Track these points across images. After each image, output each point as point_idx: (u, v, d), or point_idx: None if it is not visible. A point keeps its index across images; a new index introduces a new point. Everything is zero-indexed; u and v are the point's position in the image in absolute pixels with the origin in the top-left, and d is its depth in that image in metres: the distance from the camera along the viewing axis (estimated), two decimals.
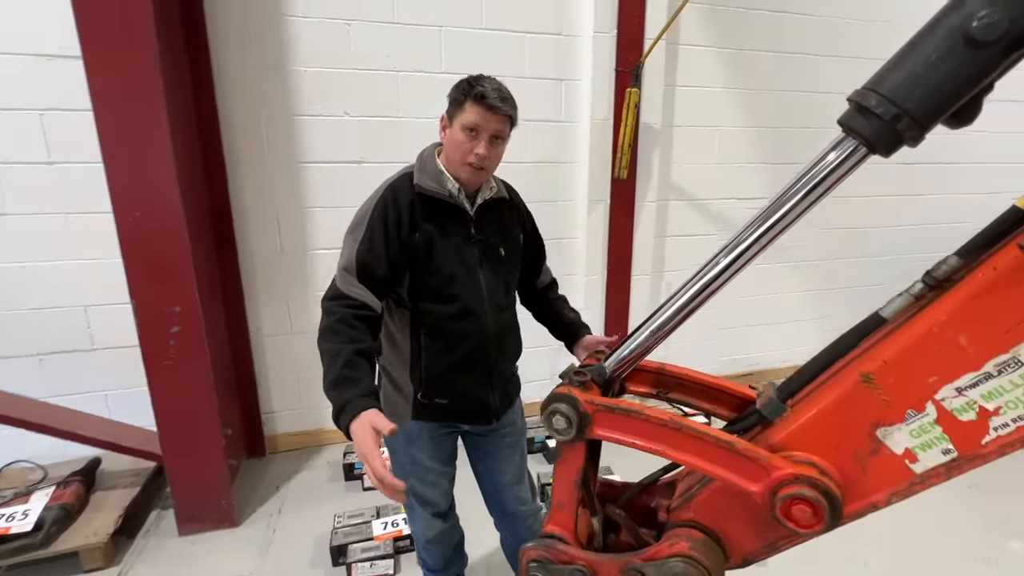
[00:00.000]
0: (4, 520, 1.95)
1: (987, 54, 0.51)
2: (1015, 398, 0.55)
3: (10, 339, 2.39)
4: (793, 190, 0.66)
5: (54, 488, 2.14)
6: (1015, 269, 0.52)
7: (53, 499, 2.07)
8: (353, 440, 1.06)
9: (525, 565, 0.90)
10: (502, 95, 1.25)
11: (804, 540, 0.71)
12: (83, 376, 2.52)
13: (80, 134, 2.26)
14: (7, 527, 1.92)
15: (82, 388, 2.52)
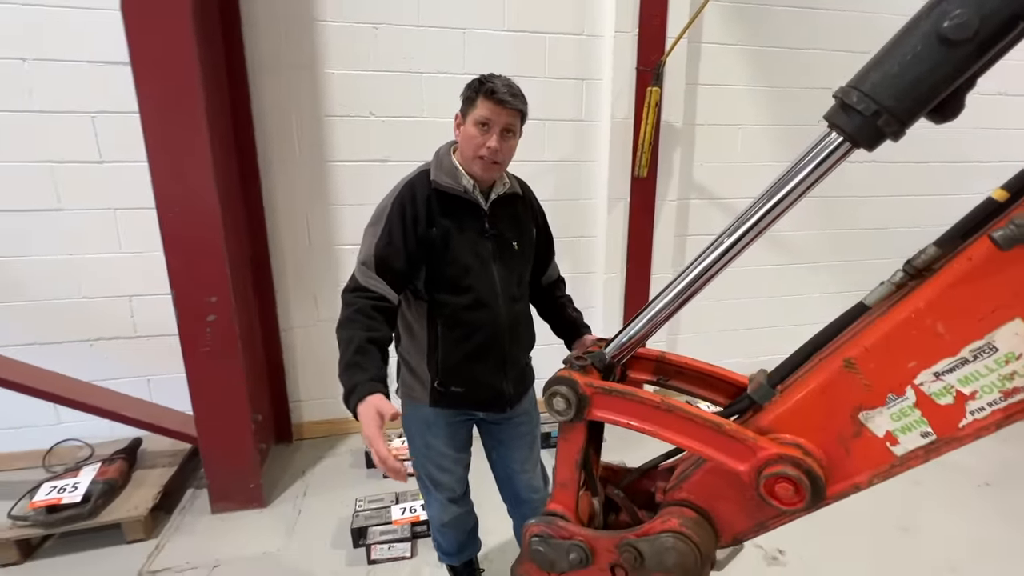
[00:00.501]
0: (56, 492, 2.11)
1: (961, 52, 0.54)
2: (990, 383, 0.58)
3: (64, 325, 2.57)
4: (781, 183, 0.69)
5: (100, 464, 2.30)
6: (988, 260, 0.55)
7: (99, 474, 2.23)
8: (359, 421, 1.11)
9: (528, 540, 0.95)
10: (512, 91, 1.30)
11: (791, 519, 0.74)
12: (128, 361, 2.69)
13: (127, 135, 2.42)
14: (59, 498, 2.08)
15: (127, 372, 2.69)
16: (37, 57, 2.31)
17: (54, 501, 2.07)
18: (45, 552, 2.11)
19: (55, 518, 2.05)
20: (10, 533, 2.01)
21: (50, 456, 2.60)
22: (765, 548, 2.13)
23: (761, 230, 0.70)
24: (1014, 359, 0.56)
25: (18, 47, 2.28)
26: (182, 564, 2.05)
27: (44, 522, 2.04)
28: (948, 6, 0.53)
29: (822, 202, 3.24)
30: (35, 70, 2.32)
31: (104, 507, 2.15)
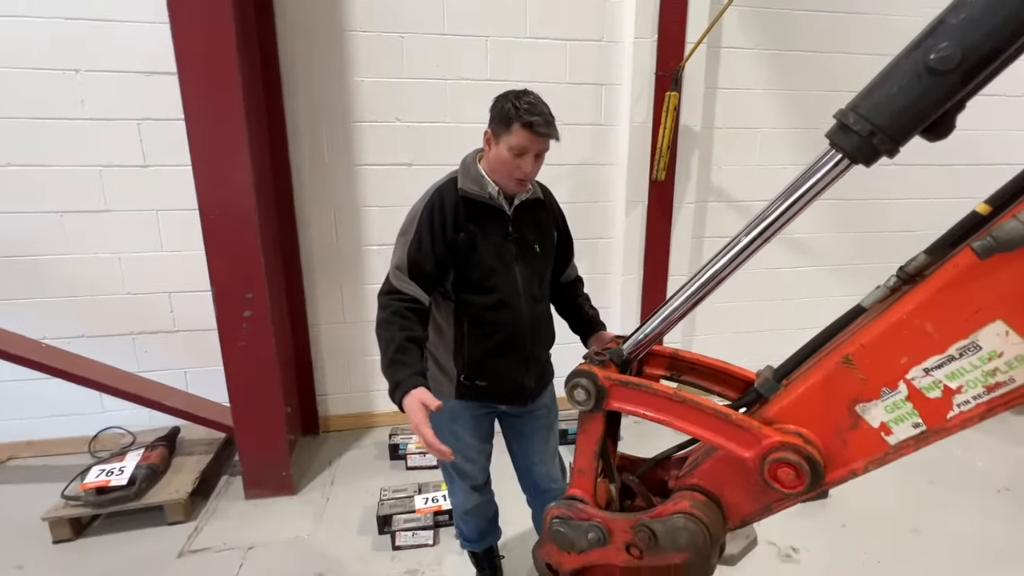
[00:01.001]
0: (104, 475, 2.26)
1: (947, 81, 0.60)
2: (974, 378, 0.63)
3: (110, 320, 2.74)
4: (788, 193, 0.75)
5: (143, 450, 2.45)
6: (970, 267, 0.61)
7: (143, 460, 2.38)
8: (406, 413, 1.23)
9: (549, 522, 1.03)
10: (546, 119, 1.35)
11: (793, 502, 0.80)
12: (167, 354, 2.84)
13: (169, 141, 2.58)
14: (107, 480, 2.23)
15: (166, 365, 2.85)
16: (89, 68, 2.46)
17: (103, 483, 2.22)
18: (94, 531, 2.26)
19: (104, 499, 2.20)
20: (64, 512, 2.16)
21: (95, 443, 2.77)
22: (779, 546, 2.17)
23: (768, 237, 0.77)
24: (996, 357, 0.62)
25: (71, 59, 2.44)
26: (220, 545, 2.18)
27: (94, 502, 2.19)
28: (935, 40, 0.59)
29: (841, 204, 3.25)
30: (87, 81, 2.48)
31: (147, 490, 2.30)
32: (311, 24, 2.62)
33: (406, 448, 2.76)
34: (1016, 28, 0.56)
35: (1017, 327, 0.60)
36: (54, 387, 2.68)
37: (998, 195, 0.63)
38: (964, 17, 0.58)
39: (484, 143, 1.46)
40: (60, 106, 2.47)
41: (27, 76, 2.42)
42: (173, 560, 2.10)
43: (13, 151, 2.48)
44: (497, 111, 1.39)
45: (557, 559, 1.06)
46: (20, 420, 2.81)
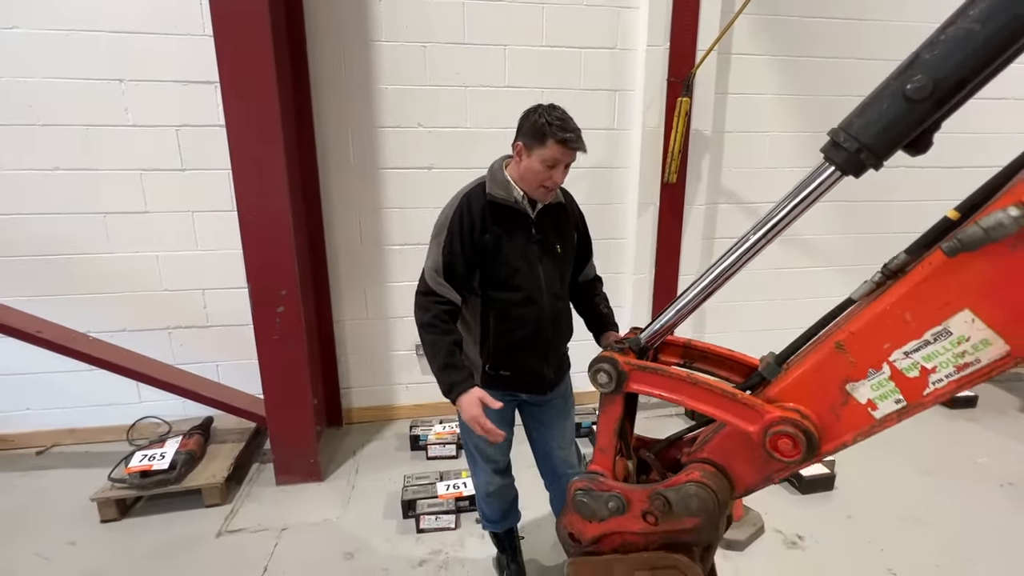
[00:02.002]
0: (147, 459, 2.41)
1: (922, 107, 0.71)
2: (946, 359, 0.74)
3: (148, 315, 2.89)
4: (787, 200, 0.86)
5: (181, 438, 2.60)
6: (941, 265, 0.71)
7: (181, 446, 2.53)
8: (461, 408, 1.49)
9: (572, 493, 1.15)
10: (577, 134, 1.46)
11: (791, 470, 0.91)
12: (200, 348, 3.00)
13: (205, 146, 2.73)
14: (150, 464, 2.38)
15: (199, 358, 3.00)
16: (132, 79, 2.62)
17: (146, 467, 2.37)
18: (137, 512, 2.41)
19: (148, 481, 2.35)
20: (112, 493, 2.31)
21: (133, 431, 2.92)
22: (785, 533, 2.26)
23: (771, 238, 0.88)
24: (964, 341, 0.72)
25: (117, 70, 2.60)
26: (254, 526, 2.32)
27: (139, 485, 2.35)
28: (911, 72, 0.70)
29: (845, 206, 3.33)
30: (130, 90, 2.63)
31: (187, 475, 2.45)
32: (338, 34, 2.75)
33: (426, 439, 2.88)
34: (978, 63, 0.67)
35: (981, 315, 0.71)
36: (94, 378, 2.85)
37: (965, 204, 0.73)
38: (936, 53, 0.69)
39: (515, 154, 1.56)
40: (106, 114, 2.62)
41: (75, 86, 2.58)
42: (212, 539, 2.24)
43: (62, 156, 2.65)
44: (529, 126, 1.49)
45: (579, 528, 1.18)
46: (63, 409, 2.98)
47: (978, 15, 0.65)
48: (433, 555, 2.14)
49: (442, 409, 3.27)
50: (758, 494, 2.43)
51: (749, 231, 0.91)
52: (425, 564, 2.09)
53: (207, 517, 2.37)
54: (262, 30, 2.10)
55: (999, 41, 0.65)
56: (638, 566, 1.08)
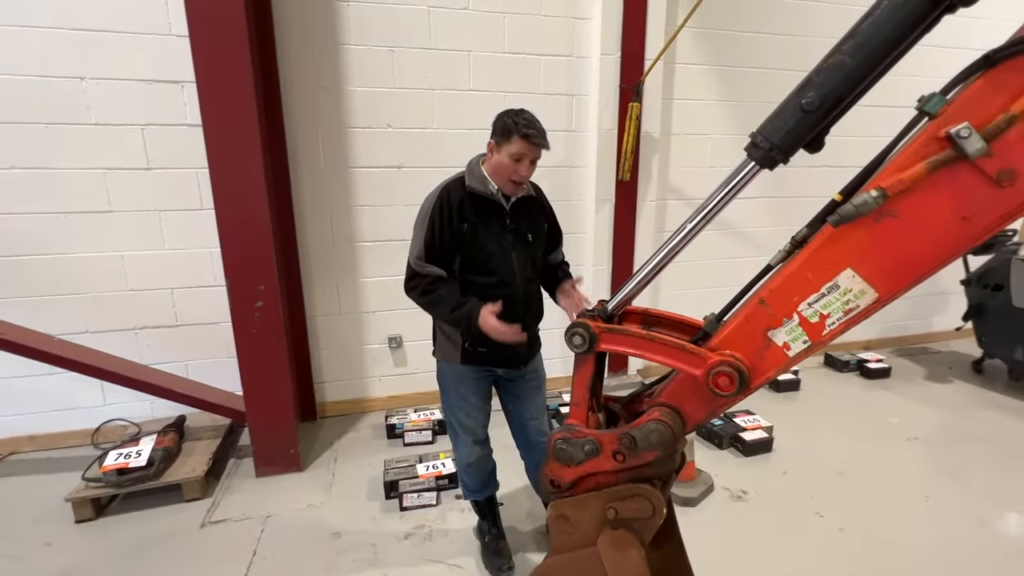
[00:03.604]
0: (123, 458, 2.41)
1: (814, 117, 0.94)
2: (837, 307, 0.98)
3: (113, 315, 2.86)
4: (719, 190, 1.08)
5: (156, 436, 2.61)
6: (830, 235, 0.95)
7: (157, 443, 2.54)
8: (483, 327, 1.65)
9: (553, 444, 1.34)
10: (540, 131, 1.67)
11: (730, 404, 1.13)
12: (169, 348, 2.99)
13: (173, 145, 2.74)
14: (126, 462, 2.38)
15: (168, 358, 2.99)
16: (94, 76, 2.60)
17: (123, 465, 2.37)
18: (113, 511, 2.41)
19: (125, 479, 2.36)
20: (87, 492, 2.31)
21: (98, 435, 2.89)
22: (731, 490, 2.55)
23: (708, 219, 1.10)
24: (848, 292, 0.96)
25: (77, 68, 2.57)
26: (238, 515, 2.37)
27: (116, 482, 2.35)
28: (805, 91, 0.94)
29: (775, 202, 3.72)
30: (92, 88, 2.61)
31: (165, 470, 2.46)
32: (307, 37, 2.84)
33: (403, 427, 3.00)
34: (850, 86, 0.91)
35: (859, 271, 0.95)
36: (55, 382, 2.81)
37: (846, 188, 0.97)
38: (821, 77, 0.92)
39: (488, 151, 1.76)
40: (66, 112, 2.59)
41: (34, 83, 2.53)
42: (196, 530, 2.28)
43: (19, 154, 2.59)
44: (499, 125, 1.70)
45: (559, 474, 1.37)
46: (21, 416, 2.89)
47: (848, 50, 0.89)
48: (417, 529, 2.28)
49: (416, 399, 3.40)
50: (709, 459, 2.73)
51: (692, 214, 1.13)
52: (411, 537, 2.23)
53: (188, 511, 2.40)
54: (239, 30, 2.17)
55: (863, 70, 0.89)
56: (611, 498, 1.28)
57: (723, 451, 2.89)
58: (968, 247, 0.89)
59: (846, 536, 2.23)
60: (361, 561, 2.09)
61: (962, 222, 0.86)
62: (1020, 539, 2.25)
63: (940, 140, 0.83)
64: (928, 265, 0.90)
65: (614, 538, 1.29)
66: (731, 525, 2.31)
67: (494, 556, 2.04)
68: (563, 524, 1.37)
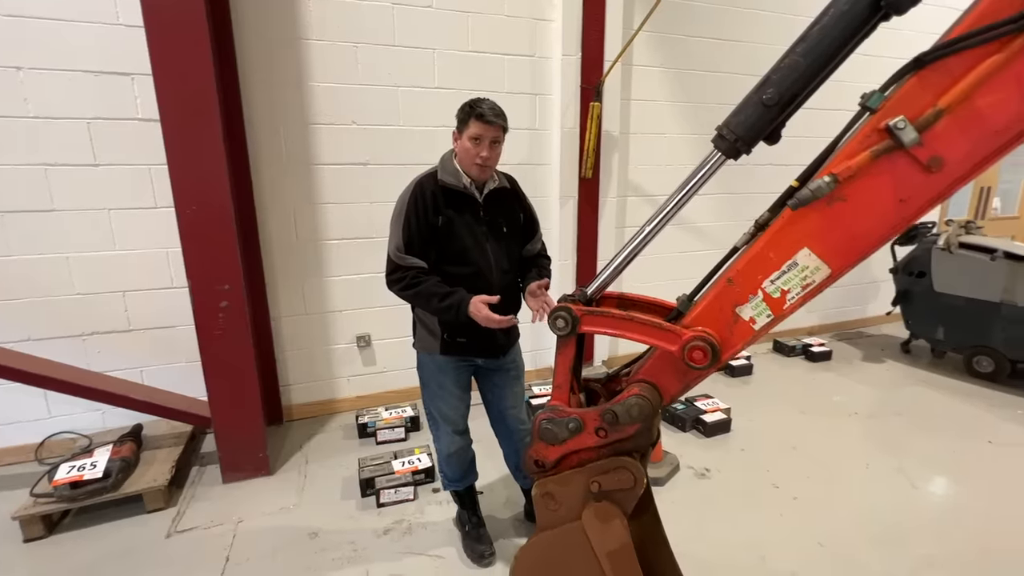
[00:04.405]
0: (76, 470, 2.27)
1: (772, 111, 1.04)
2: (796, 283, 1.09)
3: (57, 321, 2.69)
4: (689, 179, 1.17)
5: (111, 446, 2.47)
6: (789, 218, 1.05)
7: (114, 454, 2.41)
8: (473, 315, 1.69)
9: (538, 424, 1.39)
10: (495, 112, 1.73)
11: (703, 377, 1.23)
12: (121, 354, 2.84)
13: (123, 140, 2.62)
14: (80, 475, 2.25)
15: (120, 365, 2.84)
16: (32, 67, 2.44)
17: (76, 478, 2.24)
18: (66, 527, 2.27)
19: (79, 492, 2.23)
20: (37, 509, 2.16)
21: (42, 449, 2.71)
22: (696, 468, 2.70)
23: (679, 207, 1.19)
24: (805, 268, 1.07)
25: (12, 57, 2.41)
26: (207, 523, 2.29)
27: (69, 497, 2.21)
28: (765, 87, 1.04)
29: (732, 198, 3.95)
30: (30, 79, 2.45)
31: (124, 481, 2.34)
32: (267, 32, 2.77)
33: (375, 425, 2.98)
34: (803, 83, 1.01)
35: (815, 250, 1.06)
36: None
37: (802, 175, 1.08)
38: (779, 76, 1.02)
39: (453, 141, 1.80)
40: (1, 104, 2.42)
41: None
42: (162, 541, 2.19)
43: None
44: (459, 114, 1.77)
45: (544, 453, 1.42)
46: None
47: (801, 52, 1.00)
48: (396, 524, 2.28)
49: (387, 397, 3.38)
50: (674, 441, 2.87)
51: (665, 200, 1.21)
52: (390, 532, 2.23)
53: (151, 521, 2.30)
54: (198, 23, 2.11)
55: (815, 69, 1.00)
56: (594, 473, 1.35)
57: (686, 433, 3.04)
58: (905, 226, 1.01)
59: (799, 503, 2.41)
60: (341, 559, 2.07)
61: (900, 204, 0.98)
62: (946, 496, 2.50)
63: (880, 132, 0.95)
64: (872, 242, 1.02)
65: (598, 510, 1.37)
66: (697, 500, 2.44)
67: (475, 544, 2.07)
68: (549, 501, 1.44)
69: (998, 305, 3.52)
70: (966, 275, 3.67)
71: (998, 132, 0.90)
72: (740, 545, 2.14)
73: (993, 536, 2.19)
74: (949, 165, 0.94)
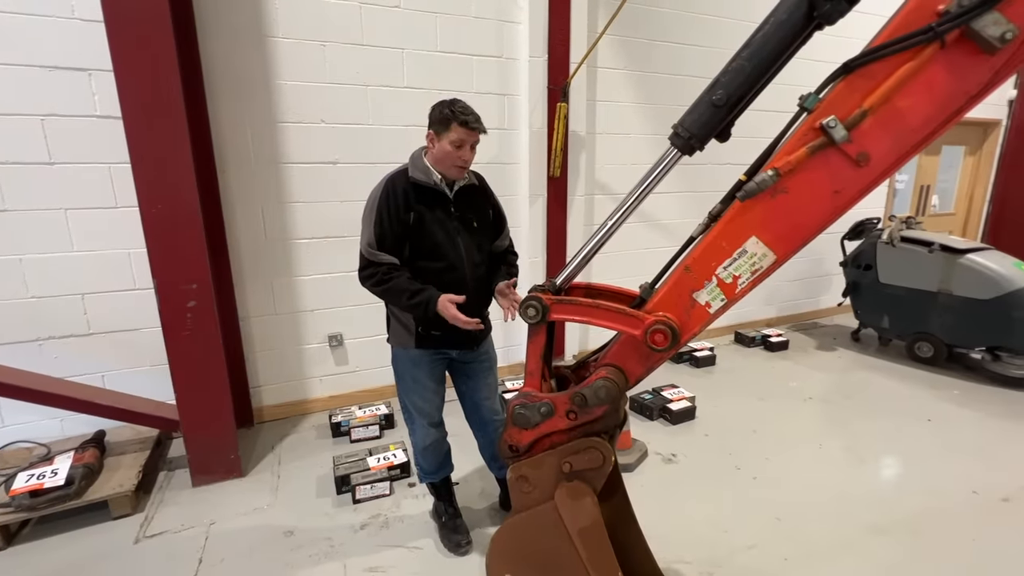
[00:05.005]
0: (36, 479, 2.20)
1: (722, 111, 1.14)
2: (746, 269, 1.19)
3: (11, 326, 2.58)
4: (648, 174, 1.26)
5: (72, 453, 2.40)
6: (738, 209, 1.15)
7: (76, 460, 2.34)
8: (441, 312, 1.75)
9: (512, 410, 1.45)
10: (476, 117, 1.78)
11: (664, 359, 1.32)
12: (81, 359, 2.74)
13: (80, 138, 2.54)
14: (40, 483, 2.18)
15: (80, 370, 2.75)
16: None
17: (36, 487, 2.16)
18: (26, 538, 2.19)
19: (39, 501, 2.15)
20: None
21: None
22: (663, 454, 2.82)
23: (640, 201, 1.27)
24: (754, 255, 1.17)
25: None
26: (178, 526, 2.25)
27: (28, 506, 2.14)
28: (715, 89, 1.13)
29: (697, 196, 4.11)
30: None
31: (87, 488, 2.28)
32: (231, 29, 2.74)
33: (349, 424, 2.98)
34: (749, 85, 1.11)
35: (761, 238, 1.16)
36: None
37: (750, 169, 1.18)
38: (727, 78, 1.12)
39: (428, 142, 1.84)
40: None
41: None
42: (130, 547, 2.14)
43: None
44: (436, 115, 1.79)
45: (517, 438, 1.49)
46: None
47: (746, 56, 1.09)
48: (373, 519, 2.30)
49: (360, 397, 3.38)
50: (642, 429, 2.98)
51: (627, 195, 1.30)
52: (367, 527, 2.25)
53: (118, 528, 2.25)
54: (161, 17, 2.08)
55: (758, 72, 1.10)
56: (565, 454, 1.42)
57: (654, 422, 3.17)
58: (839, 215, 1.12)
59: (760, 482, 2.56)
60: (318, 555, 2.08)
61: (834, 195, 1.09)
62: (889, 468, 2.70)
63: (815, 130, 1.06)
64: (812, 230, 1.13)
65: (570, 489, 1.44)
66: (665, 484, 2.56)
67: (452, 534, 2.12)
68: (523, 484, 1.50)
69: (935, 294, 3.80)
70: (907, 267, 3.94)
71: (914, 130, 1.02)
72: (704, 522, 2.26)
73: (930, 503, 2.38)
74: (875, 159, 1.05)
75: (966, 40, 0.93)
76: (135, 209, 2.24)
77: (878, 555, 2.06)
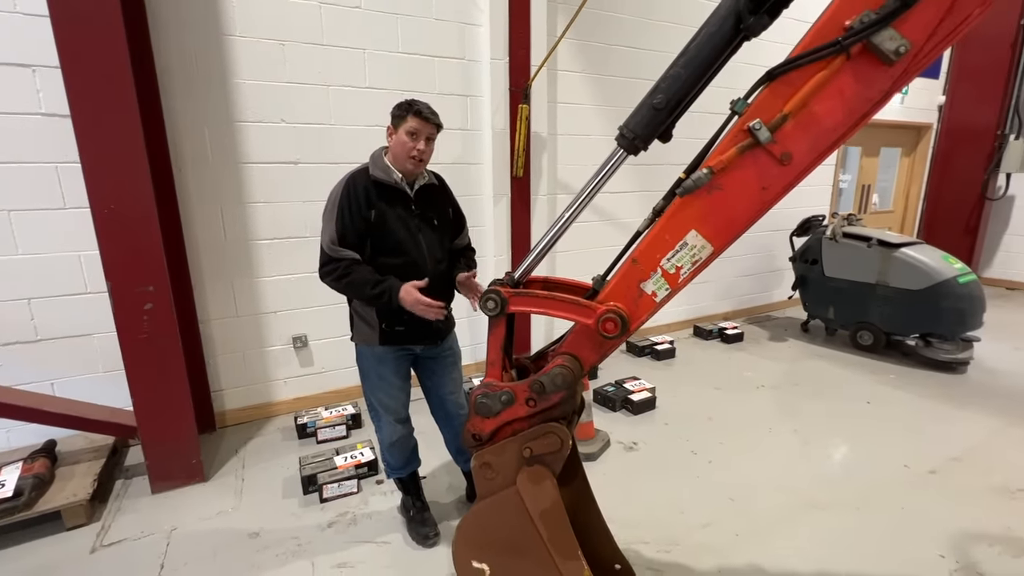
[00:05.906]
0: None
1: (662, 114, 1.23)
2: (687, 260, 1.28)
3: None
4: (597, 171, 1.34)
5: (21, 464, 2.31)
6: (678, 205, 1.24)
7: (24, 471, 2.25)
8: (403, 301, 1.79)
9: (474, 400, 1.51)
10: (431, 110, 1.84)
11: (615, 346, 1.40)
12: (28, 366, 2.64)
13: (23, 137, 2.45)
14: None
15: (27, 378, 2.64)
16: None
17: None
18: None
19: None
20: None
21: None
22: (625, 443, 2.93)
23: (591, 197, 1.35)
24: (694, 248, 1.27)
25: None
26: (137, 534, 2.20)
27: None
28: (655, 93, 1.22)
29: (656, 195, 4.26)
30: None
31: (38, 499, 2.20)
32: (185, 26, 2.69)
33: (315, 425, 2.97)
34: (685, 91, 1.20)
35: (700, 231, 1.25)
36: None
37: (688, 168, 1.28)
38: (666, 84, 1.21)
39: (387, 136, 1.89)
40: None
41: None
42: (86, 557, 2.08)
43: None
44: (395, 110, 1.86)
45: (480, 427, 1.55)
46: None
47: (682, 64, 1.19)
48: (340, 516, 2.31)
49: (326, 398, 3.36)
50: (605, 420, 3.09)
51: (578, 192, 1.37)
52: (334, 525, 2.26)
53: (73, 538, 2.18)
54: (111, 12, 2.03)
55: (694, 78, 1.19)
56: (525, 440, 1.49)
57: (616, 412, 3.28)
58: (767, 210, 1.23)
59: (714, 466, 2.70)
60: (285, 554, 2.08)
61: (762, 191, 1.20)
62: (832, 448, 2.89)
63: (744, 132, 1.16)
64: (744, 223, 1.23)
65: (530, 473, 1.50)
66: (627, 471, 2.66)
67: (420, 527, 2.15)
68: (486, 471, 1.56)
69: (874, 286, 4.07)
70: (849, 261, 4.21)
71: (829, 131, 1.13)
72: (662, 505, 2.37)
73: (867, 478, 2.57)
74: (796, 158, 1.15)
75: (868, 52, 1.04)
76: (86, 210, 2.18)
77: (820, 526, 2.22)
